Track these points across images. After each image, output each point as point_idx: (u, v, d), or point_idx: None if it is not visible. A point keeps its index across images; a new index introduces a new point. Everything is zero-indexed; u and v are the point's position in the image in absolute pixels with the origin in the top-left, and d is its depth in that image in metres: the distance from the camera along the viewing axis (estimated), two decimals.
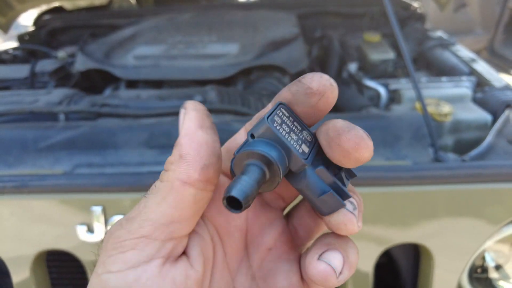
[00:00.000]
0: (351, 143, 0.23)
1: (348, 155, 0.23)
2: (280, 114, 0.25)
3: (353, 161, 0.23)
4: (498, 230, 0.73)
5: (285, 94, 0.26)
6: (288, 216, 0.31)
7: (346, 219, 0.24)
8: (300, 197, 0.29)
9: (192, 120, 0.25)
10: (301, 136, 0.25)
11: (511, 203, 0.71)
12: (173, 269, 0.24)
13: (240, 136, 0.29)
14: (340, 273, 0.24)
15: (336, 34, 1.54)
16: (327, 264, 0.24)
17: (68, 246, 0.73)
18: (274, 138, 0.24)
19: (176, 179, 0.24)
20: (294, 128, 0.25)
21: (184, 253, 0.26)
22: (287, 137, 0.24)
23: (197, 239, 0.27)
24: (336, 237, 0.26)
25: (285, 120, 0.25)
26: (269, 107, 0.27)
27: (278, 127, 0.24)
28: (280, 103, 0.25)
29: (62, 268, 0.85)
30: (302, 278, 0.28)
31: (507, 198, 0.70)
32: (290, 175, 0.25)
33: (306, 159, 0.24)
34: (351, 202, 0.25)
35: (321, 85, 0.24)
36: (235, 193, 0.22)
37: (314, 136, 0.26)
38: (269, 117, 0.24)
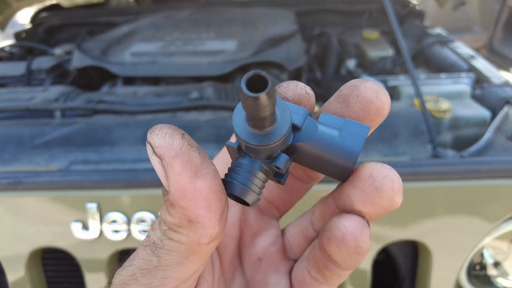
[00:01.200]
0: (371, 90, 0.22)
1: (369, 105, 0.22)
2: None
3: (374, 112, 0.22)
4: (497, 227, 0.72)
5: None
6: (284, 230, 0.30)
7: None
8: (296, 214, 0.28)
9: (182, 173, 0.19)
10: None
11: (509, 199, 0.70)
12: None
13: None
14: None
15: (335, 32, 1.53)
16: (362, 217, 0.22)
17: (63, 244, 0.72)
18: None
19: (195, 244, 0.21)
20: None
21: None
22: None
23: (206, 265, 0.26)
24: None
25: None
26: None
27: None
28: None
29: (58, 266, 0.84)
30: None
31: (505, 194, 0.70)
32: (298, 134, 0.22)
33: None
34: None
35: (296, 94, 0.23)
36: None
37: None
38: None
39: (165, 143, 0.20)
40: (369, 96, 0.22)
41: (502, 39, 2.71)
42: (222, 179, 0.22)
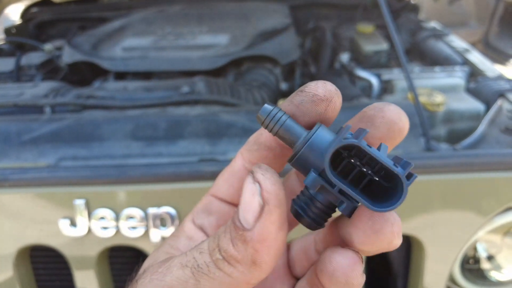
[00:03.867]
0: (395, 113, 0.24)
1: (392, 126, 0.24)
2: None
3: (397, 132, 0.24)
4: (490, 220, 0.72)
5: (287, 108, 0.25)
6: (289, 245, 0.30)
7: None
8: (301, 232, 0.28)
9: (274, 223, 0.21)
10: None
11: (503, 192, 0.69)
12: None
13: (237, 163, 0.29)
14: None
15: (329, 26, 1.52)
16: (354, 252, 0.23)
17: (51, 241, 0.71)
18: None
19: (245, 282, 0.22)
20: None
21: None
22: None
23: None
24: None
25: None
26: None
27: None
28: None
29: (48, 264, 0.83)
30: None
31: (498, 187, 0.69)
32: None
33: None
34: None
35: (327, 91, 0.24)
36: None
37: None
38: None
39: (275, 191, 0.21)
40: (393, 118, 0.24)
41: (498, 34, 2.71)
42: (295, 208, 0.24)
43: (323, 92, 0.24)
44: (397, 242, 0.22)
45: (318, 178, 0.22)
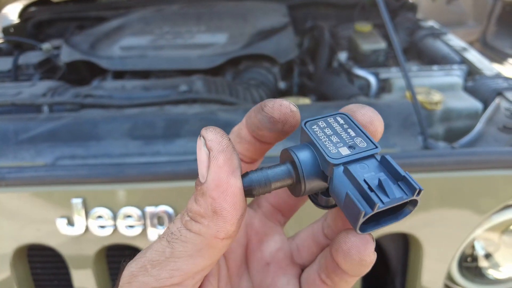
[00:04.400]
0: (366, 117, 0.25)
1: (364, 129, 0.24)
2: (331, 120, 0.25)
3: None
4: (488, 218, 0.72)
5: (253, 120, 0.26)
6: (294, 236, 0.31)
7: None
8: (307, 221, 0.29)
9: (222, 168, 0.22)
10: (347, 140, 0.23)
11: (500, 190, 0.69)
12: None
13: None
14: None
15: (327, 25, 1.52)
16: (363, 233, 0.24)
17: (48, 240, 0.71)
18: (309, 140, 0.24)
19: (212, 236, 0.22)
20: (342, 133, 0.24)
21: None
22: (323, 139, 0.23)
23: (213, 269, 0.27)
24: None
25: (333, 126, 0.24)
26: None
27: (316, 129, 0.24)
28: (340, 113, 0.25)
29: (46, 263, 0.83)
30: None
31: (496, 185, 0.69)
32: (328, 181, 0.24)
33: (336, 158, 0.22)
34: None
35: (282, 114, 0.25)
36: (244, 181, 0.23)
37: (374, 144, 0.23)
38: (309, 121, 0.25)
39: (216, 139, 0.23)
40: (364, 122, 0.25)
41: (496, 33, 2.71)
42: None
43: (278, 116, 0.25)
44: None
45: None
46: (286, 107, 0.25)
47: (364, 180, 0.21)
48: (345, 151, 0.23)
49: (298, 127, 0.26)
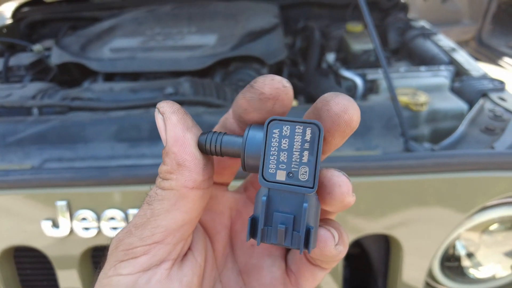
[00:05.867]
0: (340, 105, 0.23)
1: (337, 118, 0.23)
2: (298, 130, 0.24)
3: (343, 125, 0.23)
4: (468, 219, 0.73)
5: (241, 101, 0.25)
6: None
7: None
8: None
9: (177, 125, 0.25)
10: (293, 165, 0.23)
11: (479, 191, 0.70)
12: (181, 270, 0.26)
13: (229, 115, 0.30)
14: (337, 244, 0.25)
15: (318, 25, 1.52)
16: (326, 229, 0.25)
17: (34, 242, 0.72)
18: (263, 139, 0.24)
19: (182, 186, 0.24)
20: (295, 153, 0.23)
21: (189, 248, 0.28)
22: (272, 151, 0.24)
23: (198, 233, 0.29)
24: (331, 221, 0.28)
25: (294, 140, 0.23)
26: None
27: (275, 135, 0.24)
28: (313, 124, 0.24)
29: (35, 264, 0.84)
30: (286, 272, 0.29)
31: (476, 186, 0.70)
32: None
33: (266, 181, 0.24)
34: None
35: (274, 89, 0.24)
36: (201, 137, 0.25)
37: (314, 183, 0.24)
38: (275, 121, 0.24)
39: (167, 105, 0.26)
40: (338, 111, 0.23)
41: (491, 31, 2.71)
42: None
43: (269, 91, 0.24)
44: (350, 200, 0.24)
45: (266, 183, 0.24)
46: (279, 81, 0.24)
47: (271, 215, 0.24)
48: (281, 176, 0.23)
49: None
